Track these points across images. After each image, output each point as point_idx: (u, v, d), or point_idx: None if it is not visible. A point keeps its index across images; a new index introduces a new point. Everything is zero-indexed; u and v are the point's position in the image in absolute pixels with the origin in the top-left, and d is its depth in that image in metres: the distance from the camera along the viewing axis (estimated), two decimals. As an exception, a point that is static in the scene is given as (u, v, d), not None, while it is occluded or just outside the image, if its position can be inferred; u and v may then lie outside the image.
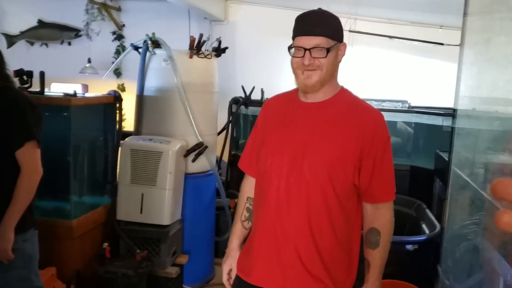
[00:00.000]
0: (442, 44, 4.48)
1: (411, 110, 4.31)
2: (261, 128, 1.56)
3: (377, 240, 1.42)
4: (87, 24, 5.24)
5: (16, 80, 2.66)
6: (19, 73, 2.66)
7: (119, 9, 5.23)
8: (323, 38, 1.35)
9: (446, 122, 3.90)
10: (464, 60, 2.31)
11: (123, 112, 4.71)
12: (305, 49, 1.35)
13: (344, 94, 1.47)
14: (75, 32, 5.26)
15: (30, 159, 1.89)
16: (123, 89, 5.23)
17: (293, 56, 1.40)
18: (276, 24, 4.68)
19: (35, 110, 1.97)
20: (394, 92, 4.60)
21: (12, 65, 2.61)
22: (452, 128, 2.54)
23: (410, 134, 4.27)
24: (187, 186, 3.17)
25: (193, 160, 3.19)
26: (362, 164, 1.39)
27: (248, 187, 1.63)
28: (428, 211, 3.44)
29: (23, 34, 5.40)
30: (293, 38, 1.40)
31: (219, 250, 3.69)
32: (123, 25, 5.27)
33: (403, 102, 4.41)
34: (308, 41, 1.35)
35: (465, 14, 2.27)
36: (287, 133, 1.44)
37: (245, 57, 4.87)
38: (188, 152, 3.15)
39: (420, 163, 4.03)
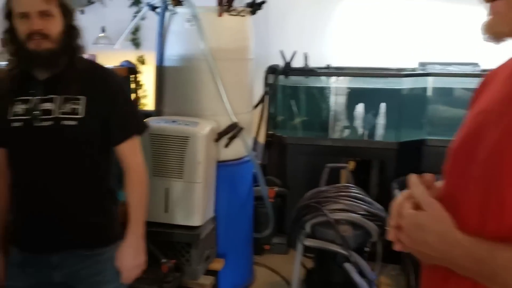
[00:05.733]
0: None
1: (483, 73, 3.64)
2: None
3: None
4: (100, -12, 4.71)
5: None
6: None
7: (135, -31, 4.66)
8: None
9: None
10: None
11: (143, 88, 4.27)
12: None
13: None
14: (87, -2, 4.75)
15: (138, 153, 1.70)
16: (143, 62, 4.73)
17: None
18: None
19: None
20: (462, 53, 3.89)
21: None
22: None
23: (482, 103, 3.64)
24: (220, 176, 2.69)
25: (226, 145, 2.69)
26: None
27: None
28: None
29: (32, 3, 4.93)
30: None
31: (259, 248, 3.21)
32: (141, -12, 4.71)
33: (473, 65, 3.74)
34: None
35: None
36: None
37: (282, 16, 4.12)
38: (220, 136, 2.66)
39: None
